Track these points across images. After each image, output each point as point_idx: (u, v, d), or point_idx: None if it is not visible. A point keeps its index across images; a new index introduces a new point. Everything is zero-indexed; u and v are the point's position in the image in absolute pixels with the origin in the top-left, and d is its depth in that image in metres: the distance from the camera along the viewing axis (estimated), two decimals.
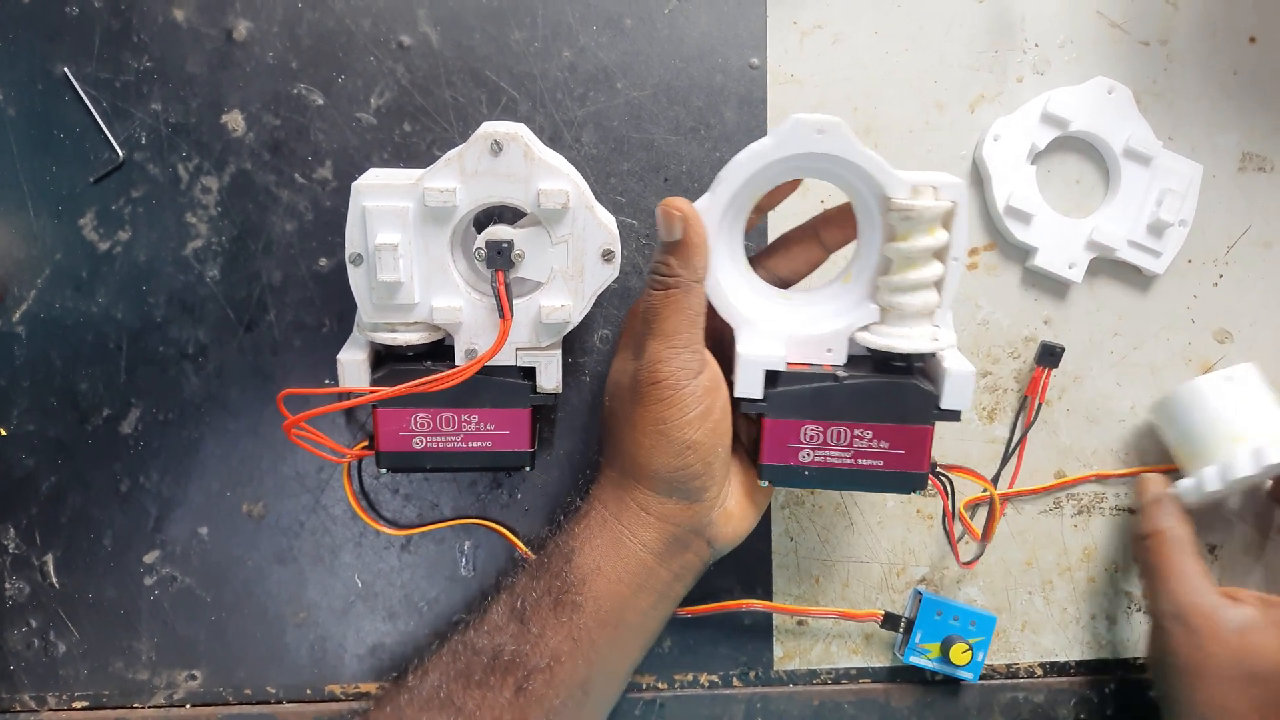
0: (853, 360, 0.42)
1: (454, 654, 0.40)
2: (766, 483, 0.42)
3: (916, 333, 0.40)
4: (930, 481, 0.42)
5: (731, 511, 0.42)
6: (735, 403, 0.41)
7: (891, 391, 0.41)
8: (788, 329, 0.41)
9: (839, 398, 0.41)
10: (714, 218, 0.40)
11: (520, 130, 0.39)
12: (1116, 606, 0.52)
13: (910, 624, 0.49)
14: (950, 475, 0.44)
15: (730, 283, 0.41)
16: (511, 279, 0.40)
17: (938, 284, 0.40)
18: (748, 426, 0.44)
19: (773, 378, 0.41)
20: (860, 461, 0.42)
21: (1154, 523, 0.47)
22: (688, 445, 0.39)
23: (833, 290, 0.42)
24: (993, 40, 0.49)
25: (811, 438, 0.42)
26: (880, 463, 0.42)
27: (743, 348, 0.40)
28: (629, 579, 0.40)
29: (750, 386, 0.40)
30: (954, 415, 0.41)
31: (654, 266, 0.39)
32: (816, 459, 0.42)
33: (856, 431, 0.42)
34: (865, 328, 0.41)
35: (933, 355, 0.41)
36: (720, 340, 0.42)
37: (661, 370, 0.38)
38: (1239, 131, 0.50)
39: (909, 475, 0.42)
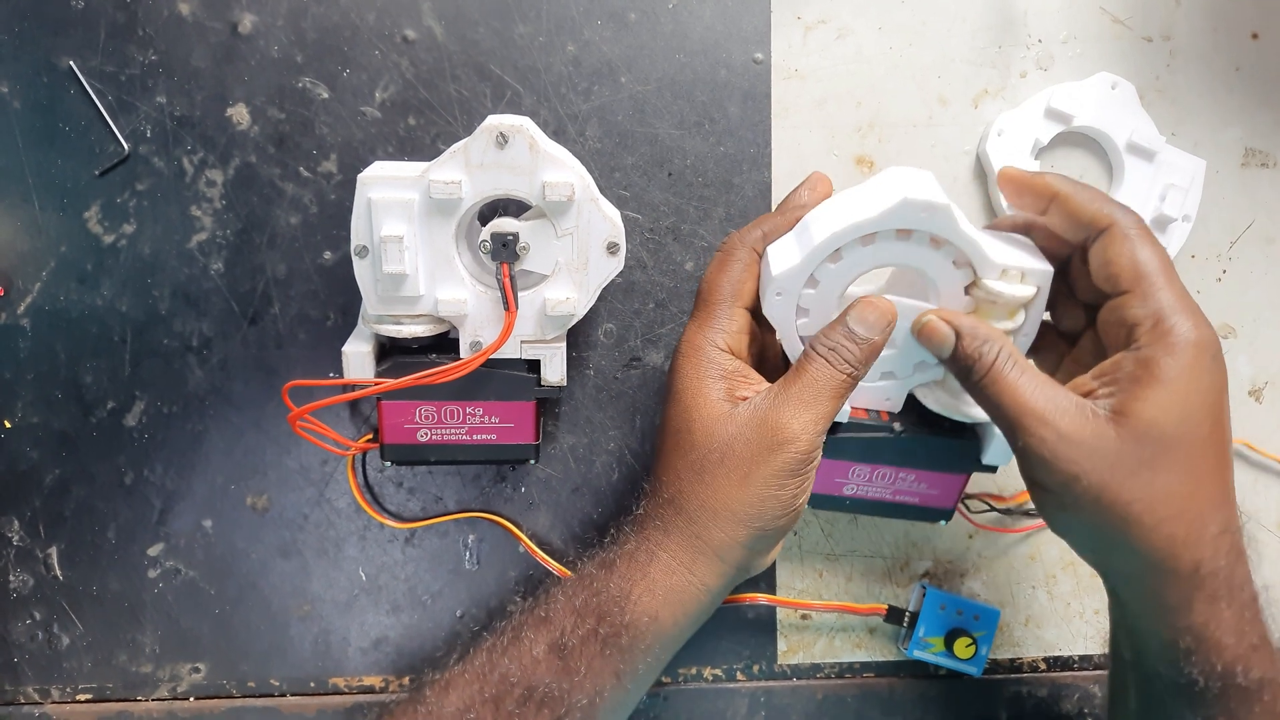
0: (907, 404, 0.43)
1: (482, 677, 0.39)
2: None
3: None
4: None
5: None
6: None
7: (941, 448, 0.43)
8: None
9: (891, 448, 0.43)
10: (799, 279, 0.39)
11: (525, 123, 0.39)
12: None
13: (914, 618, 0.49)
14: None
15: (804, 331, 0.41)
16: (516, 271, 0.40)
17: None
18: None
19: (834, 424, 0.41)
20: (898, 496, 0.45)
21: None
22: (796, 510, 0.39)
23: (898, 348, 0.41)
24: (996, 36, 0.49)
25: (858, 475, 0.44)
26: (916, 499, 0.45)
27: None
28: (685, 621, 0.40)
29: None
30: (992, 469, 0.44)
31: (839, 345, 0.38)
32: (859, 492, 0.44)
33: (901, 473, 0.44)
34: (926, 385, 0.42)
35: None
36: (761, 362, 0.42)
37: (799, 447, 0.37)
38: (1242, 127, 0.50)
39: (938, 510, 0.45)
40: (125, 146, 0.46)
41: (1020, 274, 0.38)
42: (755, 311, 0.40)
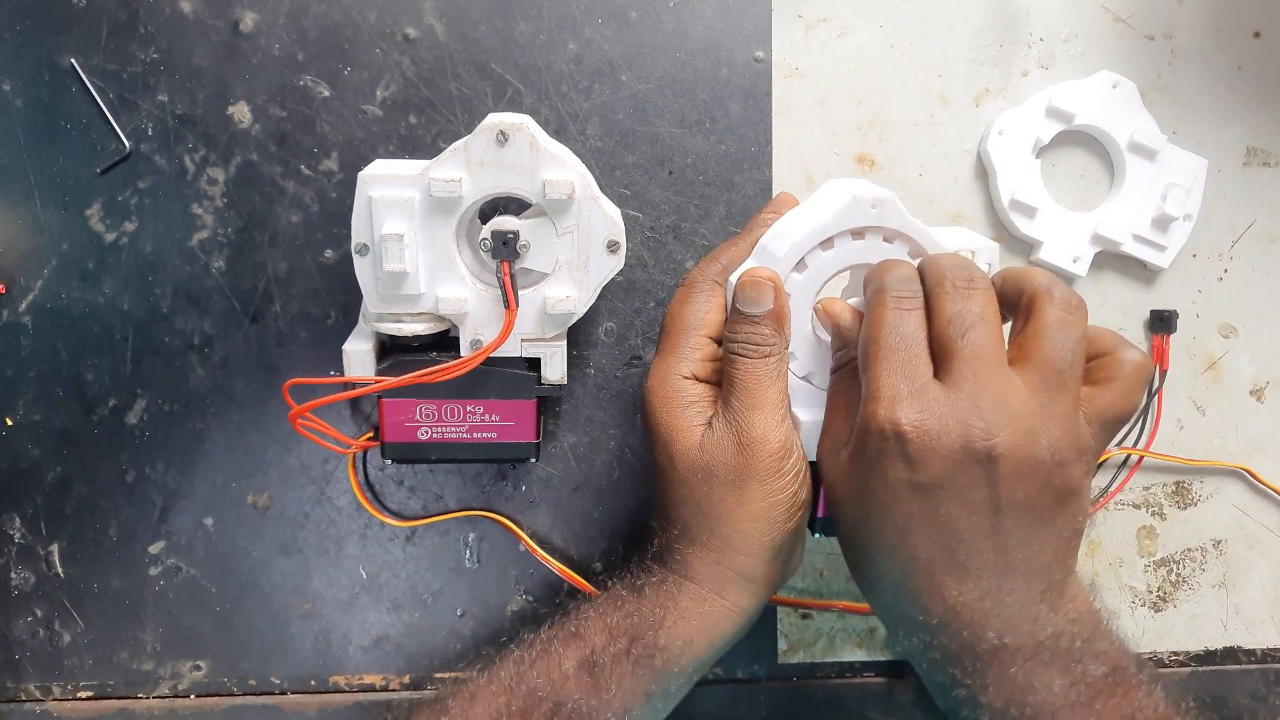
0: None
1: (509, 690, 0.38)
2: (819, 535, 0.43)
3: None
4: None
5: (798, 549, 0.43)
6: None
7: None
8: None
9: None
10: None
11: (526, 121, 0.39)
12: (1120, 602, 0.52)
13: None
14: None
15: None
16: (517, 270, 0.40)
17: None
18: None
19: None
20: None
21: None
22: (799, 507, 0.39)
23: None
24: (997, 34, 0.49)
25: None
26: None
27: (805, 415, 0.40)
28: (719, 643, 0.39)
29: (814, 451, 0.40)
30: None
31: (745, 336, 0.38)
32: None
33: None
34: None
35: None
36: None
37: (772, 443, 0.38)
38: (1244, 126, 0.50)
39: None
40: (127, 144, 0.46)
41: (971, 253, 0.40)
42: (721, 340, 0.41)
